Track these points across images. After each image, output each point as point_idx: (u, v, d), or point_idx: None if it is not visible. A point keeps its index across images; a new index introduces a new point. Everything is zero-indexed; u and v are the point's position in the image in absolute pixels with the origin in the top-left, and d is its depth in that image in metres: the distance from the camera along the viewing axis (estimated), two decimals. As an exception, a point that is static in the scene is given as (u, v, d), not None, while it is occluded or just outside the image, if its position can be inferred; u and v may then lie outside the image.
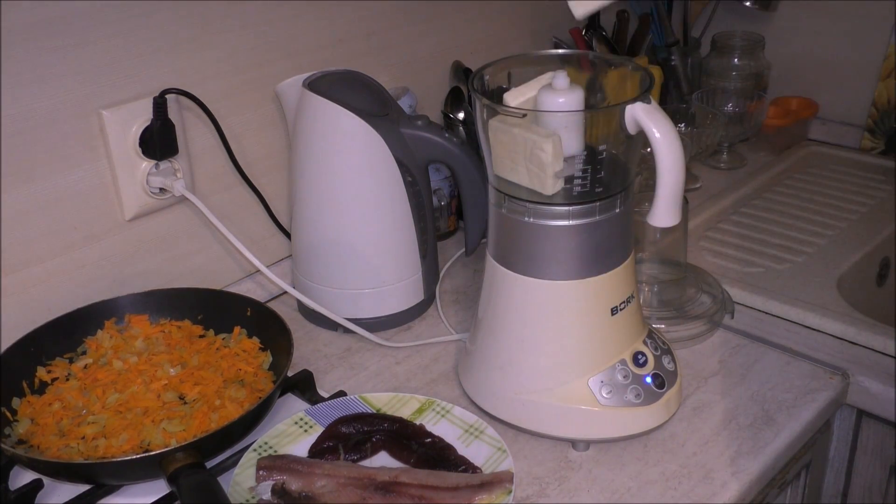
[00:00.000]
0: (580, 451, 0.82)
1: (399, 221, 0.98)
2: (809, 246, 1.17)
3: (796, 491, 0.98)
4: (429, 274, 1.04)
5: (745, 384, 0.91)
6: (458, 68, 1.26)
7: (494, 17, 1.30)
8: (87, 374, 0.86)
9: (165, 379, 0.84)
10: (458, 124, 1.22)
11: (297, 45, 1.07)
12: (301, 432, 0.82)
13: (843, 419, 0.98)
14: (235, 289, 1.05)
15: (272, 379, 0.87)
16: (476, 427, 0.81)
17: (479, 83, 0.82)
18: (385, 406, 0.85)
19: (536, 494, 0.78)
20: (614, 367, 0.80)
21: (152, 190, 0.97)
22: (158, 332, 0.91)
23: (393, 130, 0.95)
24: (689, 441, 0.83)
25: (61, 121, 0.89)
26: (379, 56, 1.17)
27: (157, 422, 0.79)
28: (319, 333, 1.03)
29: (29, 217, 0.89)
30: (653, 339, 0.84)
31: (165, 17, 0.94)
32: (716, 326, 0.99)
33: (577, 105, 0.77)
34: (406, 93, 1.14)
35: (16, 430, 0.81)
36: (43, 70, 0.86)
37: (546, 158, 0.75)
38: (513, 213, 0.80)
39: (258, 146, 1.07)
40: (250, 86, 1.04)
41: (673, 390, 0.83)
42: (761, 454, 0.82)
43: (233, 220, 1.05)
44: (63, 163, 0.90)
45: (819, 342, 0.98)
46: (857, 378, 0.93)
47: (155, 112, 0.94)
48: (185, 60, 0.97)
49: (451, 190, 1.19)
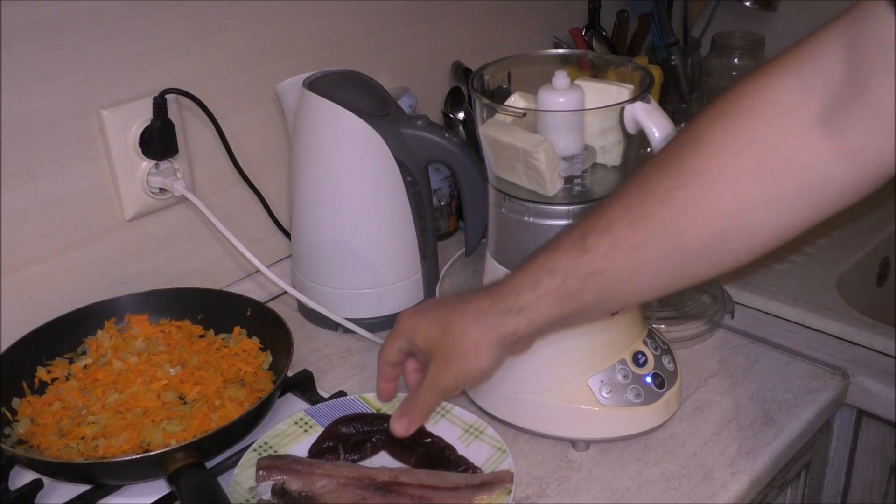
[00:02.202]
0: (580, 451, 0.82)
1: (399, 221, 0.98)
2: (809, 246, 1.17)
3: (796, 491, 0.98)
4: (429, 274, 1.04)
5: (745, 384, 0.91)
6: (458, 68, 1.26)
7: (494, 17, 1.30)
8: (87, 374, 0.86)
9: (165, 379, 0.84)
10: (458, 124, 1.22)
11: (297, 45, 1.07)
12: (301, 432, 0.82)
13: (843, 419, 0.98)
14: (235, 289, 1.05)
15: (272, 379, 0.87)
16: (476, 427, 0.81)
17: (479, 83, 0.82)
18: (385, 406, 0.85)
19: (536, 494, 0.78)
20: (614, 367, 0.80)
21: (152, 190, 0.97)
22: (158, 332, 0.91)
23: (393, 130, 0.95)
24: (689, 441, 0.83)
25: (61, 121, 0.89)
26: (379, 56, 1.17)
27: (157, 422, 0.79)
28: (319, 333, 1.02)
29: (29, 217, 0.89)
30: (653, 339, 0.84)
31: (165, 17, 0.94)
32: (716, 326, 0.99)
33: (577, 105, 0.77)
34: (406, 93, 1.14)
35: (16, 430, 0.81)
36: (43, 70, 0.86)
37: (541, 166, 0.75)
38: (513, 213, 0.80)
39: (258, 146, 1.07)
40: (250, 86, 1.04)
41: (673, 390, 0.82)
42: (761, 454, 0.82)
43: (233, 220, 1.05)
44: (63, 163, 0.90)
45: (819, 342, 0.98)
46: (857, 378, 0.93)
47: (155, 112, 0.94)
48: (185, 60, 0.97)
49: (451, 190, 1.19)
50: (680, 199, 0.60)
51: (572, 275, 0.64)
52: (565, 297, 0.65)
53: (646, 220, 0.61)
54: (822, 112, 0.56)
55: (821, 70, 0.56)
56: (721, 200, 0.59)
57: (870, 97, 0.54)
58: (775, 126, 0.58)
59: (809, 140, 0.56)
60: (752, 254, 0.62)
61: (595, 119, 0.78)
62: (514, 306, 0.66)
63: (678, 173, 0.60)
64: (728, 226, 0.60)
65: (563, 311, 0.66)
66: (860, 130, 0.55)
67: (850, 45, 0.55)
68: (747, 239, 0.61)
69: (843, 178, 0.57)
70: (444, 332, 0.70)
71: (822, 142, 0.56)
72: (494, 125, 0.79)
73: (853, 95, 0.54)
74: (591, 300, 0.65)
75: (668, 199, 0.60)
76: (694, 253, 0.62)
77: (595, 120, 0.78)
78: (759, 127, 0.58)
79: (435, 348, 0.70)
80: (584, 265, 0.63)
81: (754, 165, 0.58)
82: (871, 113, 0.54)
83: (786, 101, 0.57)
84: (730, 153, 0.59)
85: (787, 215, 0.59)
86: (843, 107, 0.55)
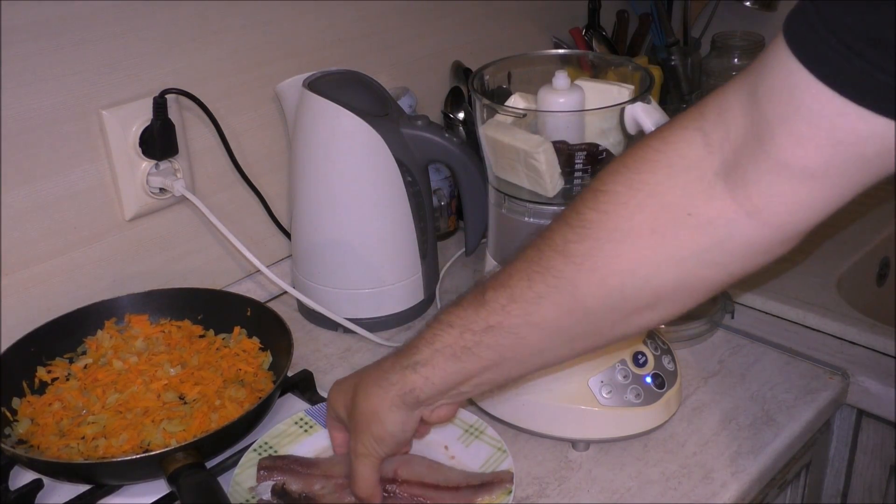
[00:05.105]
0: (580, 451, 0.82)
1: (399, 221, 0.98)
2: (809, 246, 1.17)
3: (796, 491, 0.98)
4: (429, 274, 1.04)
5: (745, 384, 0.91)
6: (458, 68, 1.26)
7: (494, 17, 1.30)
8: (87, 374, 0.86)
9: (165, 379, 0.84)
10: (458, 124, 1.22)
11: (297, 45, 1.07)
12: (301, 432, 0.82)
13: (843, 419, 0.98)
14: (235, 289, 1.05)
15: (272, 379, 0.87)
16: (476, 427, 0.81)
17: (479, 83, 0.82)
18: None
19: (536, 494, 0.78)
20: (614, 367, 0.80)
21: (152, 190, 0.97)
22: (158, 332, 0.91)
23: (393, 130, 0.95)
24: (689, 441, 0.83)
25: (61, 121, 0.89)
26: (379, 56, 1.17)
27: (157, 422, 0.79)
28: (319, 333, 1.02)
29: (29, 217, 0.89)
30: (653, 339, 0.84)
31: (165, 17, 0.94)
32: (716, 326, 0.99)
33: (577, 105, 0.77)
34: (406, 93, 1.14)
35: (16, 430, 0.81)
36: (43, 70, 0.86)
37: (541, 167, 0.75)
38: (513, 213, 0.80)
39: (258, 146, 1.07)
40: (250, 86, 1.04)
41: (673, 390, 0.83)
42: (761, 454, 0.82)
43: (233, 220, 1.05)
44: (63, 163, 0.90)
45: (819, 342, 0.98)
46: (857, 378, 0.93)
47: (155, 112, 0.94)
48: (185, 60, 0.97)
49: (451, 190, 1.19)
50: (578, 252, 0.57)
51: (469, 329, 0.62)
52: (462, 351, 0.62)
53: (543, 273, 0.59)
54: (724, 167, 0.53)
55: (724, 123, 0.53)
56: (619, 255, 0.56)
57: (772, 148, 0.50)
58: (677, 181, 0.55)
59: (710, 196, 0.54)
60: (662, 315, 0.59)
61: (595, 119, 0.78)
62: (411, 362, 0.65)
63: (578, 225, 0.58)
64: (628, 282, 0.57)
65: (460, 368, 0.63)
66: (763, 185, 0.51)
67: (752, 96, 0.51)
68: (650, 298, 0.57)
69: (748, 236, 0.54)
70: (354, 398, 0.69)
71: (723, 199, 0.53)
72: (494, 125, 0.79)
73: (755, 148, 0.51)
74: (489, 358, 0.62)
75: (566, 252, 0.58)
76: (594, 311, 0.59)
77: (595, 120, 0.78)
78: (661, 181, 0.55)
79: (349, 417, 0.70)
80: (481, 319, 0.61)
81: (653, 220, 0.55)
82: (775, 165, 0.51)
83: (688, 155, 0.55)
84: (629, 206, 0.56)
85: (692, 275, 0.56)
86: (745, 161, 0.52)
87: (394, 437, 0.68)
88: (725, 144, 0.53)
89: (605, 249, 0.57)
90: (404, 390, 0.66)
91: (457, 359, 0.63)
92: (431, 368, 0.64)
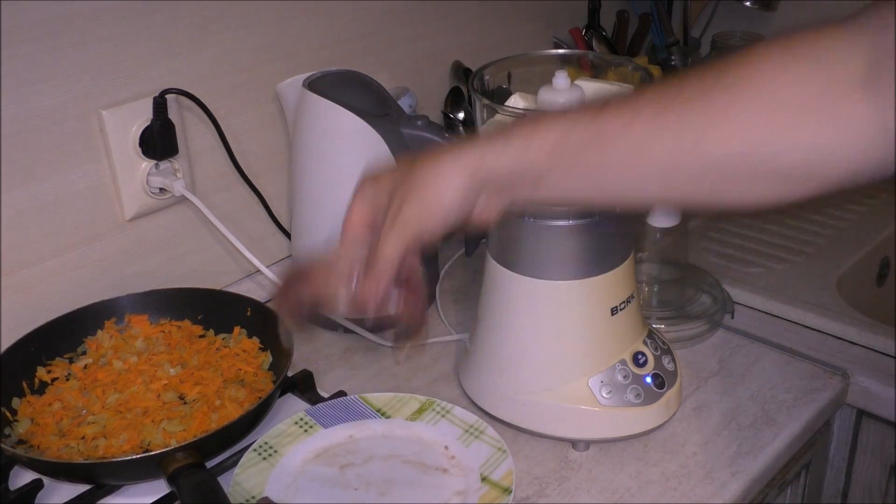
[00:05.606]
0: (580, 452, 0.82)
1: (399, 221, 0.98)
2: (809, 246, 1.17)
3: (796, 491, 0.98)
4: (428, 274, 1.03)
5: (745, 384, 0.91)
6: (458, 68, 1.26)
7: (494, 17, 1.30)
8: (87, 374, 0.86)
9: (165, 379, 0.84)
10: (458, 124, 1.22)
11: (297, 45, 1.07)
12: (301, 432, 0.82)
13: (843, 419, 0.98)
14: (235, 289, 1.05)
15: (272, 379, 0.87)
16: (476, 427, 0.81)
17: (479, 83, 0.82)
18: (385, 406, 0.85)
19: (536, 494, 0.78)
20: (614, 367, 0.80)
21: (152, 190, 0.97)
22: (158, 332, 0.91)
23: (393, 130, 0.95)
24: (689, 441, 0.83)
25: (61, 121, 0.89)
26: (379, 56, 1.17)
27: (157, 422, 0.79)
28: (319, 333, 1.02)
29: (29, 217, 0.89)
30: (653, 339, 0.84)
31: (165, 18, 0.94)
32: (716, 326, 0.99)
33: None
34: (406, 93, 1.14)
35: (16, 430, 0.81)
36: (43, 70, 0.86)
37: None
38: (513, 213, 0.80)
39: (258, 146, 1.07)
40: (250, 86, 1.04)
41: (673, 390, 0.83)
42: (761, 454, 0.82)
43: (233, 220, 1.04)
44: (63, 163, 0.90)
45: (819, 342, 0.98)
46: (857, 378, 0.93)
47: (155, 112, 0.94)
48: (185, 60, 0.97)
49: (451, 190, 1.18)
50: (720, 102, 0.55)
51: (578, 125, 0.58)
52: (560, 148, 0.58)
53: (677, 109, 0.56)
54: (874, 75, 0.52)
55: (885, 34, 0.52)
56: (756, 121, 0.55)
57: None
58: (823, 71, 0.54)
59: (852, 97, 0.53)
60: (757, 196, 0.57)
61: (595, 119, 0.78)
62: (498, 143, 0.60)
63: (720, 73, 0.56)
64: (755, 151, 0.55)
65: (548, 165, 0.59)
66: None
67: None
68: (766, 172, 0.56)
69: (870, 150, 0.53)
70: (413, 165, 0.63)
71: (866, 105, 0.53)
72: (494, 125, 0.79)
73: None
74: (585, 166, 0.59)
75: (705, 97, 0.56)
76: (709, 166, 0.56)
77: (595, 120, 0.78)
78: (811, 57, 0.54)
79: (398, 185, 0.63)
80: (597, 122, 0.58)
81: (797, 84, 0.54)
82: None
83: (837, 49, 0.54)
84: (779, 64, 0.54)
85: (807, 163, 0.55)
86: (886, 74, 0.51)
87: (444, 211, 0.61)
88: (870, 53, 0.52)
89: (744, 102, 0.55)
90: (478, 162, 0.60)
91: (550, 155, 0.59)
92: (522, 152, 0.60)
